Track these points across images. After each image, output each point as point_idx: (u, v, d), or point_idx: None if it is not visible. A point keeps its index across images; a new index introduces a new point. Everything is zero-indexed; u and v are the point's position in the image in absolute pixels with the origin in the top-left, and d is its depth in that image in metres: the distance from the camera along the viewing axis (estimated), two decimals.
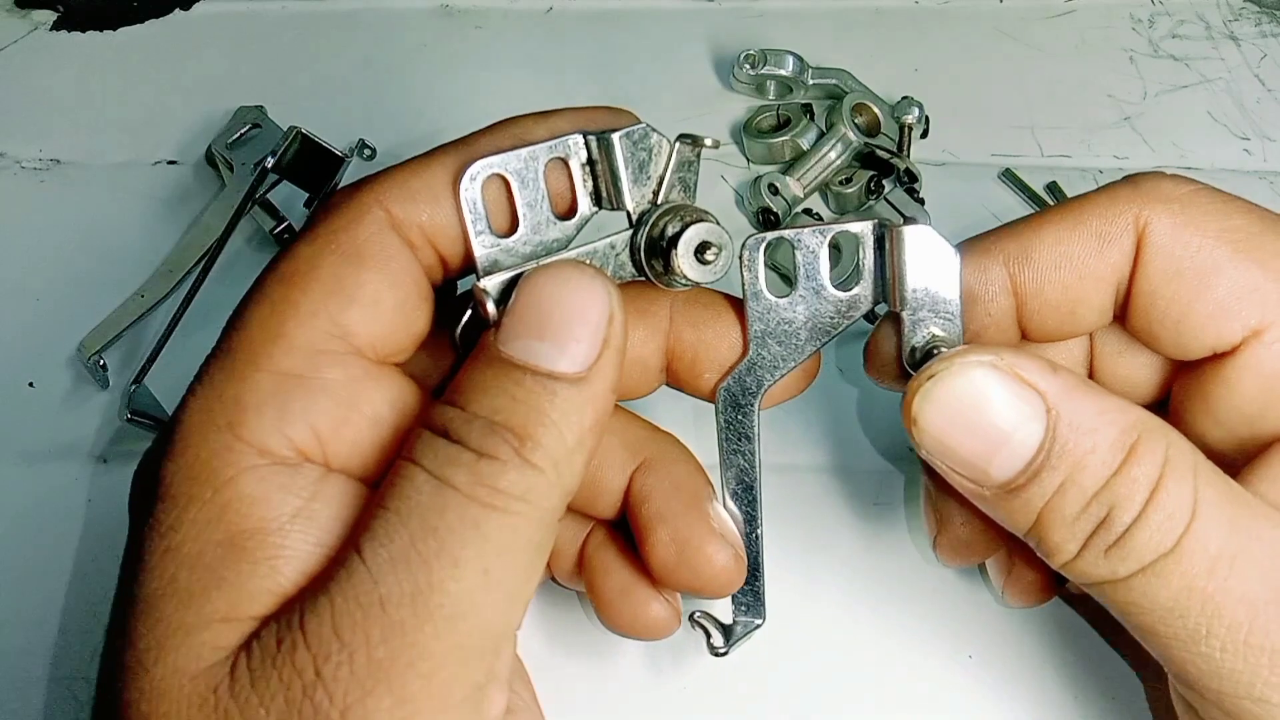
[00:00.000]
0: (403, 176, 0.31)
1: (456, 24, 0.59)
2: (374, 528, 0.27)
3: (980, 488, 0.30)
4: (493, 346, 0.29)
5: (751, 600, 0.36)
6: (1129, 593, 0.29)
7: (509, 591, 0.27)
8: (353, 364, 0.29)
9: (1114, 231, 0.32)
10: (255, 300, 0.30)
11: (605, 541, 0.36)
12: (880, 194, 0.51)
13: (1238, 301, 0.31)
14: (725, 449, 0.35)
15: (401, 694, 0.26)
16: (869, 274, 0.33)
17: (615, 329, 0.29)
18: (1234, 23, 0.60)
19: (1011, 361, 0.29)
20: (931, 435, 0.30)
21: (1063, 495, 0.29)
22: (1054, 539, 0.29)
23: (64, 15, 0.59)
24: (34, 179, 0.53)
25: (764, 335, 0.34)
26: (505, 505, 0.27)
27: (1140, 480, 0.28)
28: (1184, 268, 0.31)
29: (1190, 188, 0.32)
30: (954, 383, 0.30)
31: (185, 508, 0.27)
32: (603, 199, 0.32)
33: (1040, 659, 0.41)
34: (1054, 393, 0.29)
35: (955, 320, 0.33)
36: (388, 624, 0.26)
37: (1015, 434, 0.29)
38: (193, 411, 0.29)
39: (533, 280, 0.29)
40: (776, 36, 0.57)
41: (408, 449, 0.28)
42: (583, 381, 0.28)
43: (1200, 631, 0.28)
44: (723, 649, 0.36)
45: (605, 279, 0.30)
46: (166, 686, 0.26)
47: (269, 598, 0.27)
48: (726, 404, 0.35)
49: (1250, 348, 0.31)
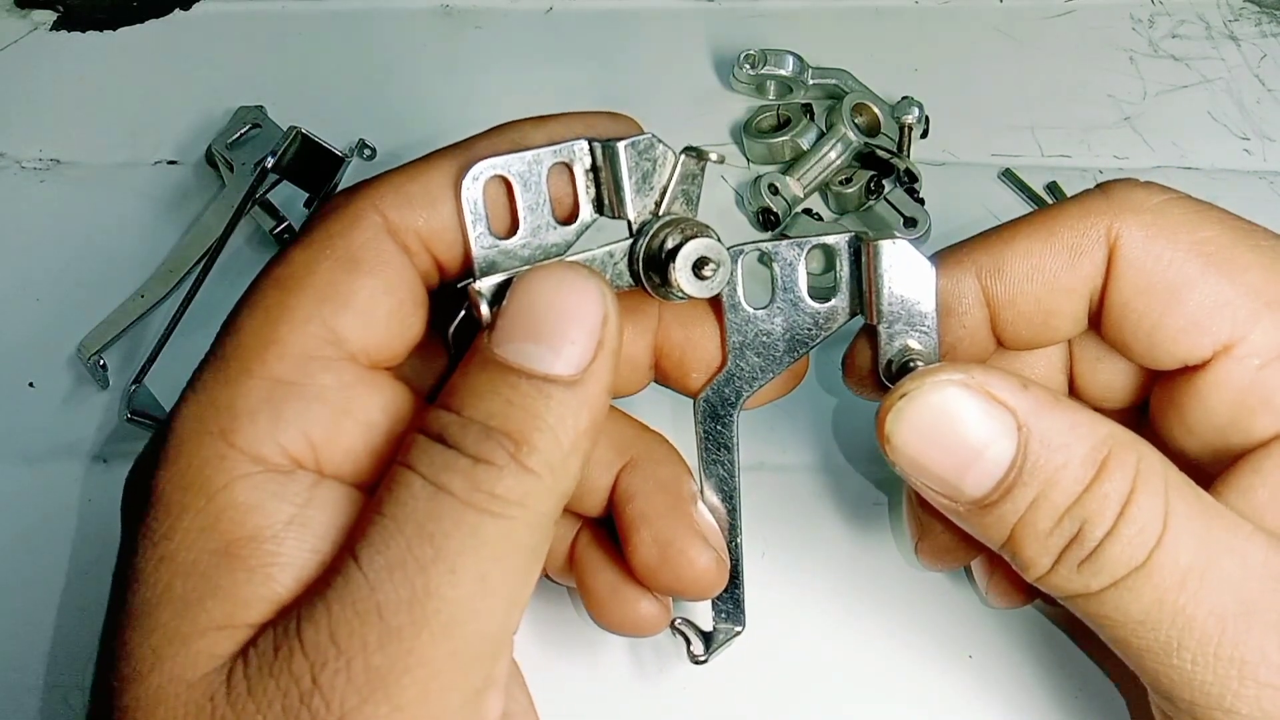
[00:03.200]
0: (399, 181, 0.31)
1: (456, 24, 0.59)
2: (370, 534, 0.27)
3: (954, 503, 0.30)
4: (487, 349, 0.28)
5: (731, 608, 0.36)
6: (1102, 606, 0.29)
7: (506, 597, 0.27)
8: (346, 370, 0.29)
9: (1086, 244, 0.32)
10: (249, 306, 0.29)
11: (593, 541, 0.36)
12: (880, 194, 0.51)
13: (1208, 316, 0.31)
14: (705, 459, 0.35)
15: (399, 700, 0.25)
16: (846, 286, 0.34)
17: (610, 331, 0.29)
18: (1234, 23, 0.60)
19: (982, 380, 0.29)
20: (905, 453, 0.30)
21: (1035, 511, 0.29)
22: (1027, 554, 0.30)
23: (64, 15, 0.59)
24: (34, 179, 0.53)
25: (742, 347, 0.34)
26: (502, 510, 0.27)
27: (1111, 495, 0.28)
28: (1155, 282, 0.31)
29: (1162, 197, 0.32)
30: (926, 401, 0.30)
31: (179, 516, 0.27)
32: (605, 206, 0.32)
33: (1040, 659, 0.41)
34: (1025, 409, 0.29)
35: (931, 333, 0.33)
36: (385, 631, 0.25)
37: (987, 451, 0.29)
38: (185, 418, 0.28)
39: (527, 281, 0.29)
40: (776, 36, 0.57)
41: (403, 454, 0.28)
42: (578, 384, 0.28)
43: (1172, 644, 0.28)
44: (703, 657, 0.36)
45: (600, 280, 0.29)
46: (163, 694, 0.26)
47: (265, 605, 0.27)
48: (706, 415, 0.35)
49: (1220, 362, 0.31)
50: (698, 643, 0.36)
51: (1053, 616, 0.41)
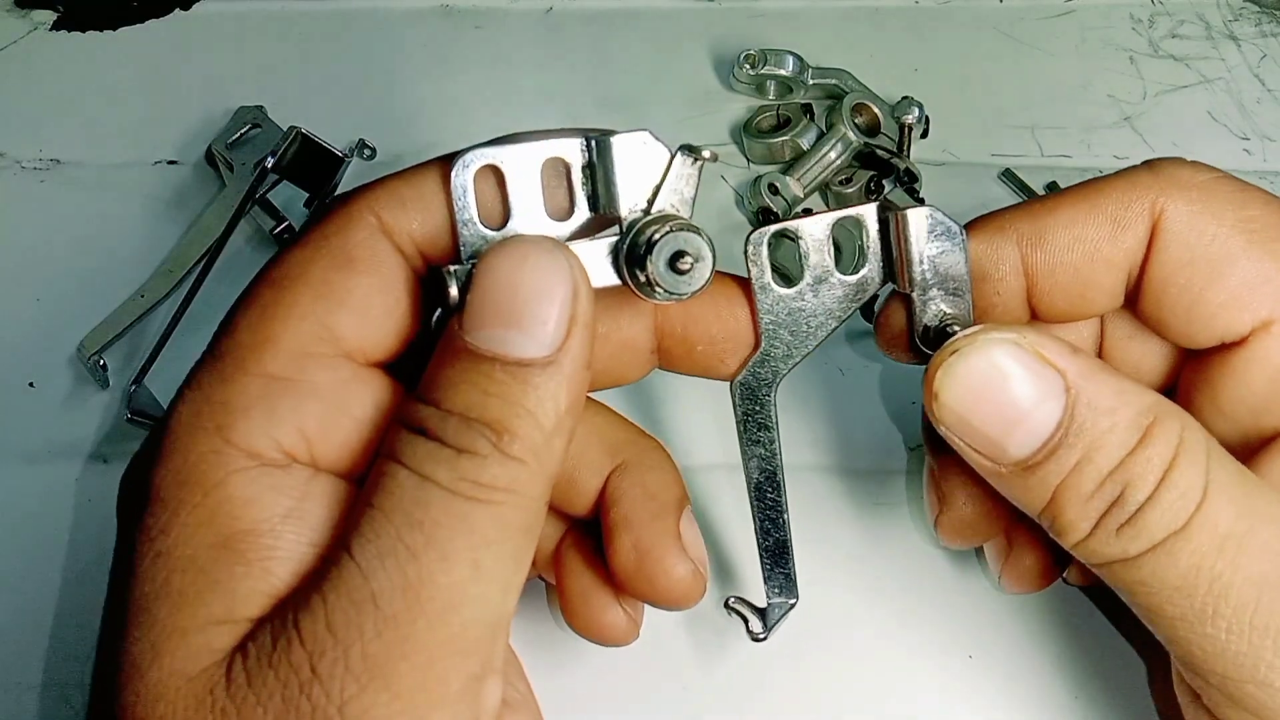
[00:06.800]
0: (395, 185, 0.31)
1: (456, 24, 0.59)
2: (361, 525, 0.27)
3: (997, 465, 0.30)
4: (459, 337, 0.28)
5: (784, 581, 0.36)
6: (1138, 571, 0.29)
7: (500, 581, 0.27)
8: (341, 367, 0.29)
9: (1130, 217, 0.32)
10: (245, 304, 0.30)
11: (577, 542, 0.36)
12: (880, 194, 0.51)
13: (1249, 293, 0.31)
14: (745, 440, 0.35)
15: (398, 687, 0.26)
16: (875, 256, 0.34)
17: (582, 303, 0.28)
18: (1234, 23, 0.60)
19: (1034, 340, 0.29)
20: (952, 410, 0.30)
21: (1078, 473, 0.29)
22: (1067, 517, 0.30)
23: (64, 15, 0.59)
24: (34, 179, 0.53)
25: (775, 326, 0.34)
26: (489, 497, 0.27)
27: (1155, 460, 0.28)
28: (1198, 256, 0.31)
29: (1209, 175, 0.32)
30: (976, 359, 0.30)
31: (176, 511, 0.27)
32: (600, 204, 0.32)
33: (1040, 659, 0.41)
34: (1074, 372, 0.29)
35: (965, 296, 0.33)
36: (381, 619, 0.26)
37: (1034, 411, 0.29)
38: (181, 415, 0.29)
39: (489, 261, 0.28)
40: (776, 36, 0.57)
41: (388, 447, 0.28)
42: (554, 364, 0.28)
43: (1207, 611, 0.28)
44: (762, 634, 0.36)
45: (565, 252, 0.29)
46: (163, 689, 0.26)
47: (263, 599, 0.27)
48: (743, 397, 0.35)
49: (1259, 339, 0.31)
50: (755, 620, 0.36)
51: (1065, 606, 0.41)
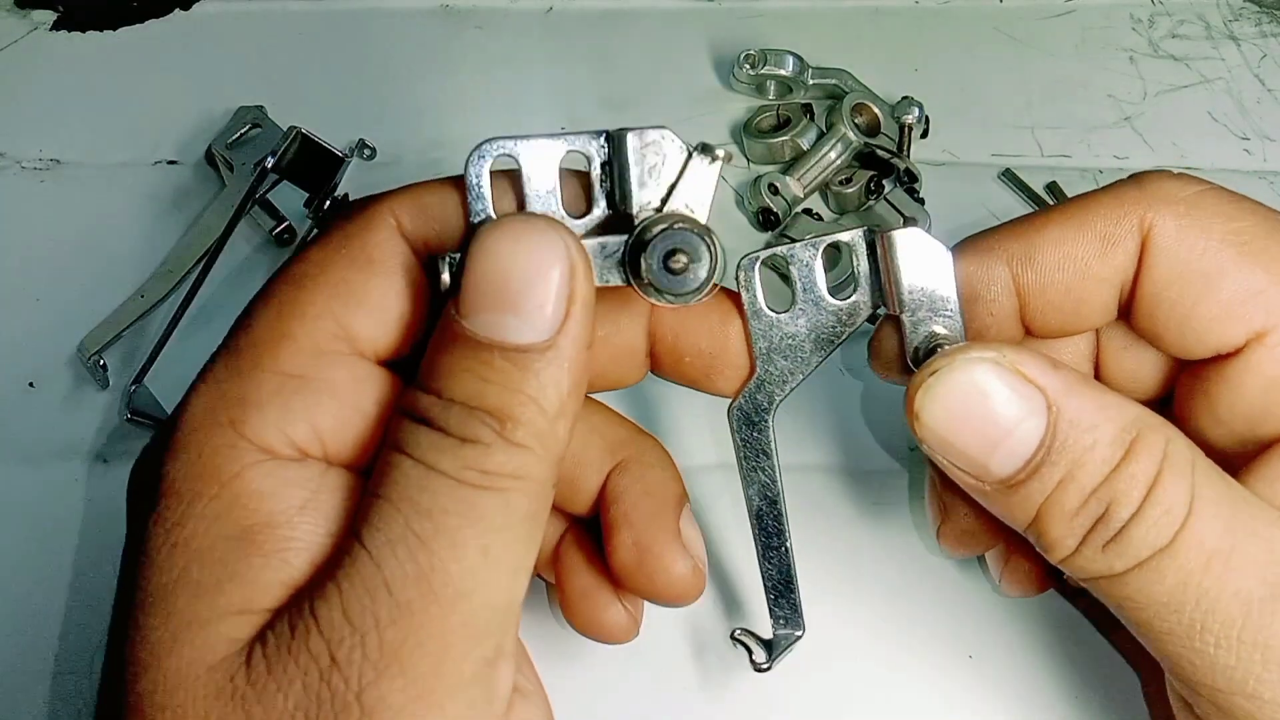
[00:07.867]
0: (417, 191, 0.31)
1: (456, 24, 0.59)
2: (370, 515, 0.27)
3: (981, 483, 0.30)
4: (457, 323, 0.28)
5: (789, 613, 0.36)
6: (1125, 588, 0.29)
7: (510, 566, 0.27)
8: (356, 365, 0.30)
9: (1119, 234, 0.32)
10: (263, 300, 0.30)
11: (577, 541, 0.36)
12: (880, 194, 0.51)
13: (1242, 305, 0.31)
14: (745, 467, 0.35)
15: (413, 673, 0.26)
16: (865, 280, 0.34)
17: (580, 282, 0.28)
18: (1234, 23, 0.60)
19: (1013, 358, 0.29)
20: (933, 430, 0.30)
21: (1062, 491, 0.29)
22: (1053, 534, 0.29)
23: (64, 15, 0.59)
24: (34, 179, 0.53)
25: (769, 351, 0.34)
26: (495, 485, 0.27)
27: (1139, 477, 0.28)
28: (1188, 271, 0.31)
29: (1196, 188, 0.32)
30: (956, 378, 0.30)
31: (191, 503, 0.28)
32: (617, 202, 0.31)
33: (1040, 659, 0.41)
34: (1055, 389, 0.29)
35: (955, 317, 0.33)
36: (394, 606, 0.26)
37: (1016, 430, 0.29)
38: (196, 409, 0.29)
39: (483, 242, 0.28)
40: (776, 36, 0.57)
41: (392, 437, 0.28)
42: (553, 348, 0.28)
43: (1195, 627, 0.28)
44: (765, 664, 0.36)
45: (559, 229, 0.28)
46: (182, 677, 0.26)
47: (281, 590, 0.27)
48: (741, 423, 0.34)
49: (1253, 350, 0.31)
50: (759, 651, 0.36)
51: (1064, 608, 0.41)
